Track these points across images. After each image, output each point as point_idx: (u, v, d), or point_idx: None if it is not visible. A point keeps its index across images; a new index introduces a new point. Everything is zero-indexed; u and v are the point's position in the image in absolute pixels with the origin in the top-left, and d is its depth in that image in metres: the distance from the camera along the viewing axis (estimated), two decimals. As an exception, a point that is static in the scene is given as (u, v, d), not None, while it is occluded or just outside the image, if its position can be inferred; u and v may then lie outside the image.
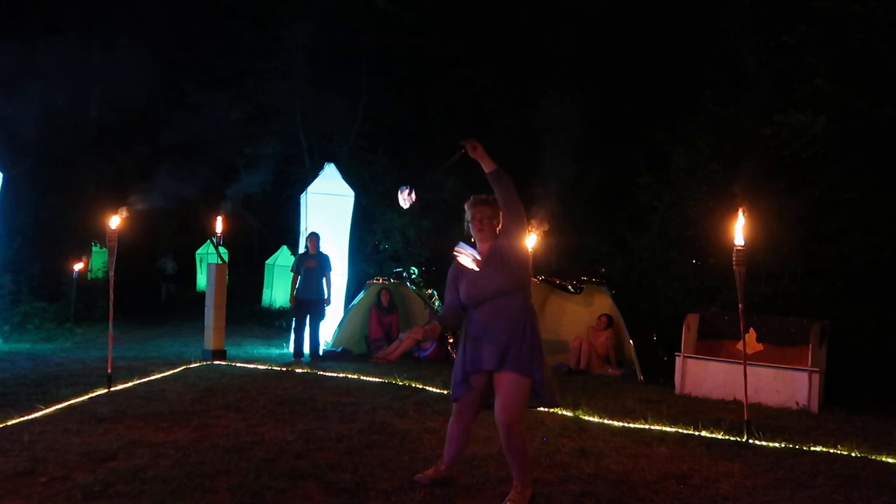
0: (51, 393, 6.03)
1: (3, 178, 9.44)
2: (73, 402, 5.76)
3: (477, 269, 3.68)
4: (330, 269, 9.06)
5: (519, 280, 3.70)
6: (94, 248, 16.62)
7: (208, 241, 17.39)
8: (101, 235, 12.28)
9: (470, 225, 3.82)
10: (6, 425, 4.96)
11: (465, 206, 3.85)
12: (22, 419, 5.14)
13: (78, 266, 12.91)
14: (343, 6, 14.18)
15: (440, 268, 14.09)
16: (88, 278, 15.25)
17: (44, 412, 5.37)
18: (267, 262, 17.01)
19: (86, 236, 15.10)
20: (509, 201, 3.68)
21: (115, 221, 6.46)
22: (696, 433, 5.42)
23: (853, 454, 4.97)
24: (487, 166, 3.70)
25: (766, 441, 5.23)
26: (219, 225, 9.80)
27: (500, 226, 3.78)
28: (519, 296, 3.69)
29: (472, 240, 3.89)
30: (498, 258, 3.68)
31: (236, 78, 14.54)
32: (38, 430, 4.84)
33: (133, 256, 15.90)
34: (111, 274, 6.59)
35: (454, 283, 3.85)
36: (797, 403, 6.59)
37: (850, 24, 8.84)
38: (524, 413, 3.66)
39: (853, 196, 8.60)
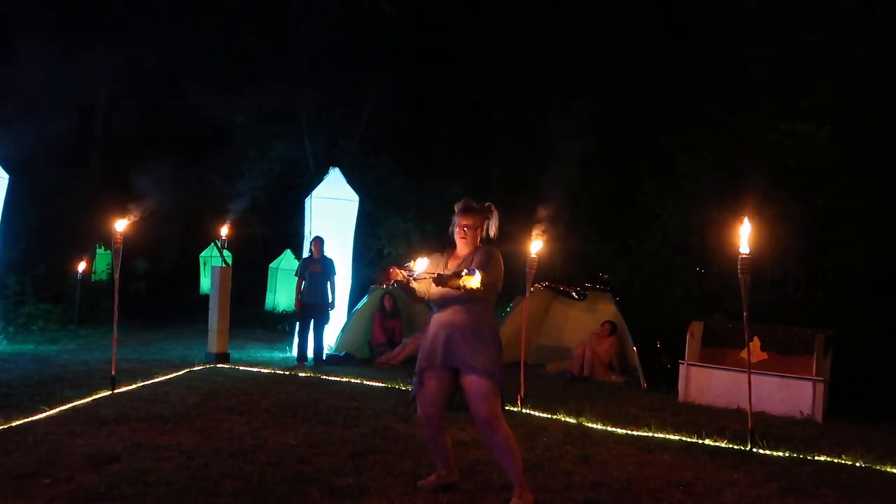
0: (55, 394, 6.04)
1: (9, 180, 9.48)
2: (76, 403, 5.77)
3: (427, 275, 3.75)
4: (334, 274, 9.06)
5: (481, 298, 3.79)
6: (98, 250, 16.66)
7: (212, 244, 17.42)
8: (105, 237, 12.31)
9: (454, 230, 3.91)
10: (10, 426, 4.97)
11: (455, 208, 3.95)
12: (26, 420, 5.15)
13: (81, 267, 12.94)
14: (349, 11, 14.23)
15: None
16: (92, 280, 15.28)
17: (48, 414, 5.38)
18: (271, 265, 17.03)
19: (90, 238, 15.14)
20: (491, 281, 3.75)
21: (121, 224, 6.48)
22: (700, 441, 5.41)
23: (858, 464, 4.95)
24: (456, 288, 3.65)
25: (770, 450, 5.21)
26: (224, 229, 9.80)
27: (482, 234, 3.89)
28: (482, 304, 3.80)
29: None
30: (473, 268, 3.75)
31: (242, 81, 14.58)
32: (43, 432, 4.85)
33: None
34: (116, 276, 6.60)
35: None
36: (801, 412, 6.57)
37: (856, 34, 8.85)
38: (499, 409, 3.73)
39: (858, 205, 8.59)
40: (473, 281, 3.52)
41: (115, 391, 6.27)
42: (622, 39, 13.95)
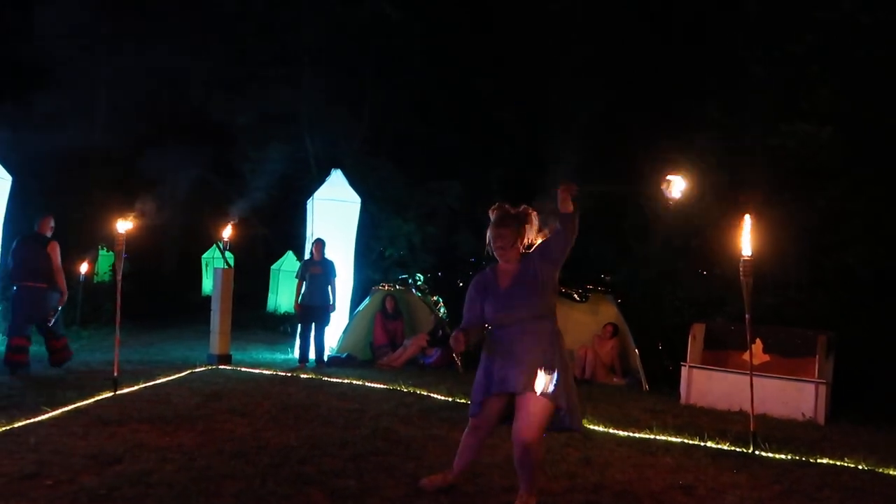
0: (57, 396, 6.04)
1: (12, 182, 9.51)
2: (79, 405, 5.77)
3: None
4: (335, 276, 9.06)
5: (550, 304, 3.66)
6: (100, 252, 16.68)
7: (214, 245, 17.45)
8: (108, 238, 12.34)
9: (492, 247, 3.71)
10: (12, 427, 4.97)
11: (490, 223, 3.72)
12: (28, 421, 5.15)
13: (84, 268, 12.94)
14: (350, 13, 14.25)
15: (446, 275, 14.11)
16: (95, 281, 15.30)
17: (50, 415, 5.38)
18: (272, 267, 17.05)
19: (93, 239, 15.14)
20: (568, 240, 3.64)
21: (123, 226, 6.48)
22: (702, 444, 5.40)
23: (860, 467, 4.94)
24: (565, 208, 3.56)
25: (772, 452, 5.21)
26: (227, 231, 9.82)
27: (523, 244, 3.72)
28: (549, 319, 3.64)
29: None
30: (531, 280, 3.60)
31: (243, 83, 14.61)
32: (45, 433, 4.85)
33: (141, 261, 15.95)
34: (118, 278, 6.62)
35: (478, 301, 3.73)
36: (803, 415, 6.56)
37: (857, 35, 8.84)
38: (542, 434, 3.59)
39: (859, 206, 8.58)
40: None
41: (117, 392, 6.28)
42: (623, 40, 13.94)
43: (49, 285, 7.37)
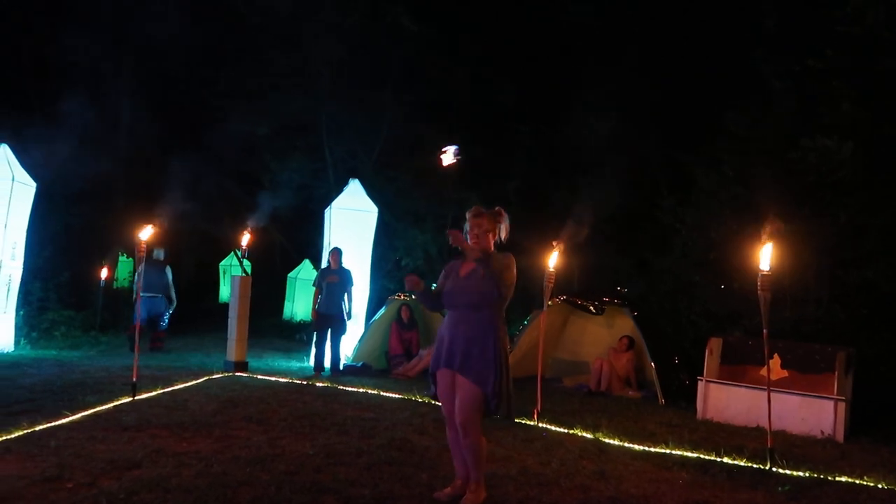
0: (77, 400, 6.14)
1: (36, 188, 9.70)
2: (98, 409, 5.86)
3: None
4: (352, 285, 9.12)
5: (493, 301, 3.89)
6: (120, 258, 16.90)
7: (232, 253, 17.61)
8: (128, 245, 12.51)
9: (467, 235, 4.04)
10: (34, 430, 5.06)
11: (466, 215, 4.10)
12: (49, 425, 5.24)
13: (104, 274, 13.11)
14: (369, 25, 14.39)
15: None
16: (115, 287, 15.49)
17: (70, 419, 5.47)
18: (289, 275, 17.17)
19: (114, 245, 15.35)
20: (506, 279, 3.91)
21: (145, 233, 6.58)
22: (718, 459, 5.36)
23: (880, 485, 4.87)
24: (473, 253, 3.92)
25: (789, 470, 5.15)
26: (245, 239, 9.91)
27: (494, 238, 4.04)
28: (487, 313, 3.90)
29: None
30: (481, 275, 3.91)
31: (264, 93, 14.78)
32: (65, 437, 4.93)
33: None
34: (138, 284, 6.72)
35: (442, 280, 4.12)
36: (822, 432, 6.48)
37: (879, 50, 8.77)
38: (478, 417, 3.85)
39: (881, 221, 8.48)
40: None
41: (136, 398, 6.36)
42: (640, 54, 13.95)
43: (162, 295, 10.31)
